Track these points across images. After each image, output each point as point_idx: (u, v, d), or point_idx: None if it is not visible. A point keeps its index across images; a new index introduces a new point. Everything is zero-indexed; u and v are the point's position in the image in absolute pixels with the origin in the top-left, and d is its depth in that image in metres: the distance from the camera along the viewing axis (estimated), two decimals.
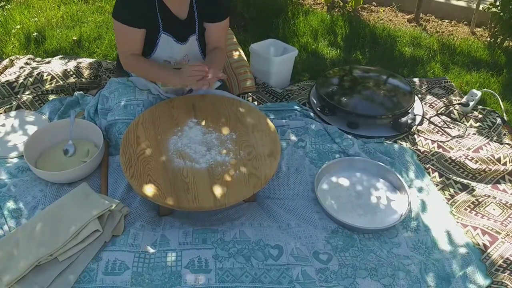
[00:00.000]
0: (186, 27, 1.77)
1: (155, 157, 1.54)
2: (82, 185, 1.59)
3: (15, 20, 3.07)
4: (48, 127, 1.79)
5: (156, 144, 1.59)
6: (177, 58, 1.84)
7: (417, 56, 2.85)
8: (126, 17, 1.66)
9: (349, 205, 1.68)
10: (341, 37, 3.08)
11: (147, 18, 1.70)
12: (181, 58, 1.84)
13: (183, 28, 1.77)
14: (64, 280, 1.31)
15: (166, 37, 1.76)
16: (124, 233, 1.45)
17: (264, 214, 1.60)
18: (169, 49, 1.80)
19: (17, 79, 2.19)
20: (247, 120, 1.72)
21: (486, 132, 2.10)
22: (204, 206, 1.39)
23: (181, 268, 1.36)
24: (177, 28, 1.76)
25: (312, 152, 1.89)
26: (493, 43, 2.97)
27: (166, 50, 1.80)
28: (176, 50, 1.81)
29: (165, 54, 1.82)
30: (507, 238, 1.55)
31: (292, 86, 2.46)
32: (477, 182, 1.83)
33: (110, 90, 1.89)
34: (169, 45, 1.78)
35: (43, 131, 1.76)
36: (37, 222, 1.44)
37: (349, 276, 1.40)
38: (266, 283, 1.34)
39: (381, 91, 2.25)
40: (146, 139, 1.61)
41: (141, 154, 1.55)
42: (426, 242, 1.55)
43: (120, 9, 1.66)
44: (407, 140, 2.07)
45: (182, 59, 1.84)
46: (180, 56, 1.83)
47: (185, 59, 1.85)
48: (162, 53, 1.81)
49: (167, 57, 1.83)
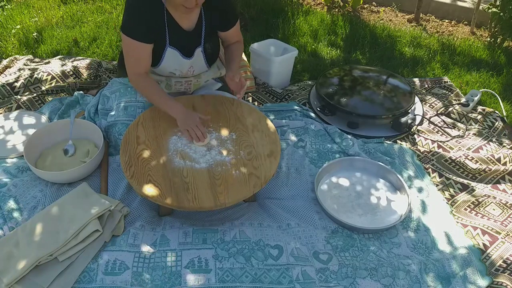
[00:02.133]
0: (192, 40, 1.73)
1: (155, 157, 1.54)
2: (82, 185, 1.59)
3: (15, 20, 3.07)
4: (48, 127, 1.79)
5: (156, 144, 1.59)
6: (182, 70, 1.80)
7: (417, 56, 2.85)
8: (136, 32, 1.57)
9: (349, 205, 1.68)
10: (341, 37, 3.08)
11: (155, 31, 1.62)
12: (186, 70, 1.81)
13: (189, 41, 1.72)
14: (64, 280, 1.31)
15: (172, 51, 1.70)
16: (124, 233, 1.45)
17: (264, 214, 1.60)
18: (174, 63, 1.76)
19: (17, 79, 2.19)
20: (247, 120, 1.72)
21: (486, 132, 2.10)
22: (204, 206, 1.39)
23: (181, 268, 1.36)
24: (183, 42, 1.71)
25: (312, 152, 1.89)
26: (493, 43, 2.97)
27: (171, 63, 1.75)
28: (182, 63, 1.77)
29: (171, 67, 1.78)
30: (507, 238, 1.55)
31: (292, 86, 2.46)
32: (477, 182, 1.83)
33: (112, 90, 1.89)
34: (175, 59, 1.73)
35: (43, 131, 1.76)
36: (37, 222, 1.44)
37: (349, 276, 1.40)
38: (266, 283, 1.34)
39: (381, 91, 2.25)
40: (146, 139, 1.61)
41: (141, 154, 1.55)
42: (426, 242, 1.55)
43: (129, 23, 1.57)
44: (407, 140, 2.07)
45: (187, 71, 1.82)
46: (185, 68, 1.80)
47: (190, 70, 1.81)
48: (167, 67, 1.77)
49: (173, 70, 1.79)
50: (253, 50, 2.41)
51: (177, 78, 1.85)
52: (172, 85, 1.87)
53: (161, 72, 1.82)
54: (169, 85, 1.87)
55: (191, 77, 1.87)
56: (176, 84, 1.88)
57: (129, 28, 1.57)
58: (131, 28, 1.57)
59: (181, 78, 1.85)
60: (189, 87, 1.92)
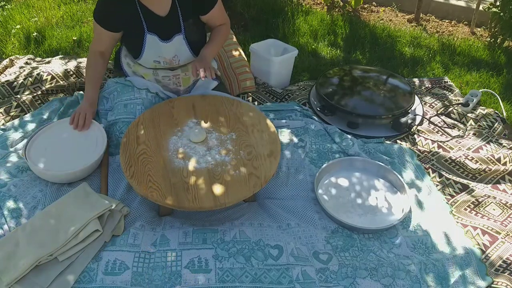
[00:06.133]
0: (169, 25, 1.77)
1: (155, 157, 1.54)
2: (82, 185, 1.59)
3: (15, 20, 3.07)
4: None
5: (156, 144, 1.59)
6: (166, 57, 1.83)
7: (417, 56, 2.85)
8: (101, 18, 1.76)
9: (349, 205, 1.68)
10: (341, 37, 3.08)
11: (130, 21, 1.74)
12: (170, 58, 1.84)
13: (167, 27, 1.77)
14: (64, 280, 1.31)
15: (151, 37, 1.77)
16: (124, 233, 1.45)
17: (264, 214, 1.60)
18: (156, 49, 1.81)
19: (17, 79, 2.19)
20: (247, 120, 1.72)
21: (486, 132, 2.10)
22: (204, 206, 1.39)
23: (181, 268, 1.36)
24: (160, 26, 1.77)
25: (312, 152, 1.89)
26: (493, 43, 2.97)
27: (153, 50, 1.81)
28: (163, 49, 1.81)
29: (154, 55, 1.82)
30: (507, 238, 1.55)
31: (292, 86, 2.46)
32: (477, 182, 1.83)
33: (109, 91, 1.90)
34: (156, 45, 1.79)
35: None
36: (37, 222, 1.44)
37: (349, 276, 1.40)
38: (266, 283, 1.34)
39: (381, 91, 2.25)
40: (146, 139, 1.61)
41: (141, 154, 1.55)
42: (426, 242, 1.55)
43: (98, 9, 1.76)
44: (407, 140, 2.07)
45: (172, 59, 1.84)
46: (169, 56, 1.83)
47: (174, 59, 1.85)
48: (150, 54, 1.82)
49: (157, 57, 1.84)
50: (253, 50, 2.41)
51: (164, 70, 1.85)
52: (160, 80, 1.88)
53: (145, 63, 1.86)
54: (158, 80, 1.88)
55: (177, 68, 1.88)
56: (164, 79, 1.89)
57: (96, 12, 1.76)
58: (97, 13, 1.76)
59: (168, 70, 1.86)
60: (178, 81, 1.92)
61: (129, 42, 1.88)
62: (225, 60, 2.36)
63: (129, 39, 1.86)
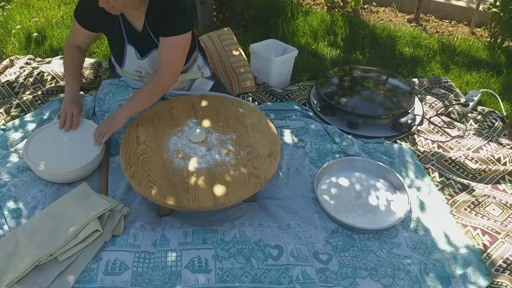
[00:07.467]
0: (144, 40, 1.72)
1: (155, 157, 1.54)
2: (82, 185, 1.59)
3: (15, 20, 3.07)
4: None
5: (156, 144, 1.59)
6: (147, 69, 1.80)
7: (417, 56, 2.85)
8: (79, 14, 1.75)
9: (349, 205, 1.68)
10: (341, 37, 3.08)
11: (111, 28, 1.73)
12: (151, 71, 1.81)
13: (142, 40, 1.72)
14: (64, 280, 1.31)
15: (131, 49, 1.75)
16: (124, 233, 1.45)
17: (264, 214, 1.60)
18: (136, 62, 1.78)
19: (17, 79, 2.19)
20: (247, 120, 1.72)
21: (486, 132, 2.10)
22: (204, 206, 1.39)
23: (181, 268, 1.36)
24: (138, 40, 1.73)
25: (312, 152, 1.89)
26: (493, 43, 2.97)
27: (133, 62, 1.79)
28: (142, 63, 1.78)
29: (135, 65, 1.80)
30: (507, 238, 1.55)
31: (292, 86, 2.46)
32: (477, 182, 1.83)
33: (105, 92, 1.90)
34: (135, 57, 1.77)
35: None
36: (37, 222, 1.44)
37: (349, 276, 1.40)
38: (266, 283, 1.34)
39: (381, 91, 2.25)
40: (146, 139, 1.61)
41: (141, 154, 1.55)
42: (426, 242, 1.55)
43: (80, 5, 1.75)
44: (407, 140, 2.07)
45: (154, 72, 1.80)
46: (150, 69, 1.80)
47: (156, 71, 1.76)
48: (131, 64, 1.80)
49: (138, 68, 1.81)
50: (253, 50, 2.41)
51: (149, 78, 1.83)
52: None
53: (129, 71, 1.85)
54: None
55: None
56: None
57: (77, 6, 1.77)
58: (77, 8, 1.76)
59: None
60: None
61: (113, 48, 1.88)
62: (225, 60, 2.36)
63: (112, 46, 1.87)
